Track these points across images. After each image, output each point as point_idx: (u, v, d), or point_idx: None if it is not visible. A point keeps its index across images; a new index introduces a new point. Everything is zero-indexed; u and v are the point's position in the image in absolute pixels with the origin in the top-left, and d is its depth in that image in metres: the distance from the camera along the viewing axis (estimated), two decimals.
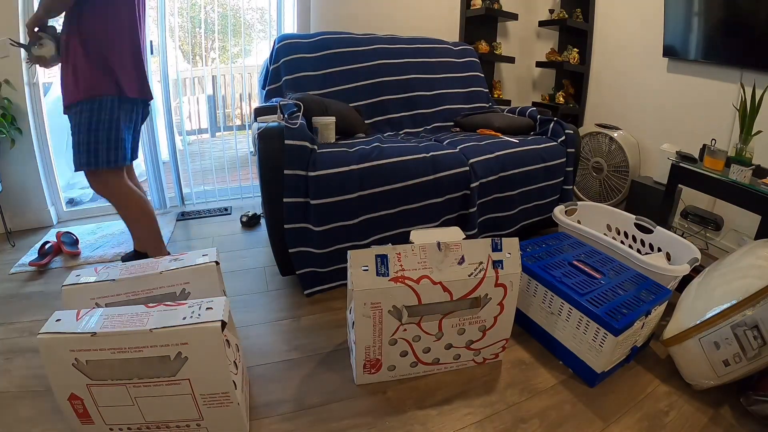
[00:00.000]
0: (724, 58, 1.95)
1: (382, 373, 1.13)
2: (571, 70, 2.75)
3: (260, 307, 1.50)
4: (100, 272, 1.11)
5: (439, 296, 1.05)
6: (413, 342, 1.11)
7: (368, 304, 1.01)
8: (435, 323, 1.10)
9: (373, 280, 1.00)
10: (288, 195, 1.43)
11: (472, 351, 1.19)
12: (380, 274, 1.01)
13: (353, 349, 1.12)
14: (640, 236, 1.65)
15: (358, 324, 1.03)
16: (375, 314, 1.03)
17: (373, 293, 1.00)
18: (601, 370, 1.14)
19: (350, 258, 1.02)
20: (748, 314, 1.04)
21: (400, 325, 1.07)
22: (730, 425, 1.05)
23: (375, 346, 1.07)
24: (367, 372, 1.12)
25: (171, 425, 0.94)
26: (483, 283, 1.07)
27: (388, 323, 1.05)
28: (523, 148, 1.81)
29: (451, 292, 1.06)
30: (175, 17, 2.47)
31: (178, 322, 0.85)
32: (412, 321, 1.07)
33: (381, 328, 1.05)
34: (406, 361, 1.14)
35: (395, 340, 1.08)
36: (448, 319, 1.10)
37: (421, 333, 1.10)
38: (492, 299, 1.11)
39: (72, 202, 2.44)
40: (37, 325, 0.95)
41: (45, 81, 2.37)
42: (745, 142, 1.58)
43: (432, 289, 1.04)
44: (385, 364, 1.12)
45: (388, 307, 1.03)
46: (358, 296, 0.99)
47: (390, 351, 1.10)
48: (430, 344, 1.13)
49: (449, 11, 2.70)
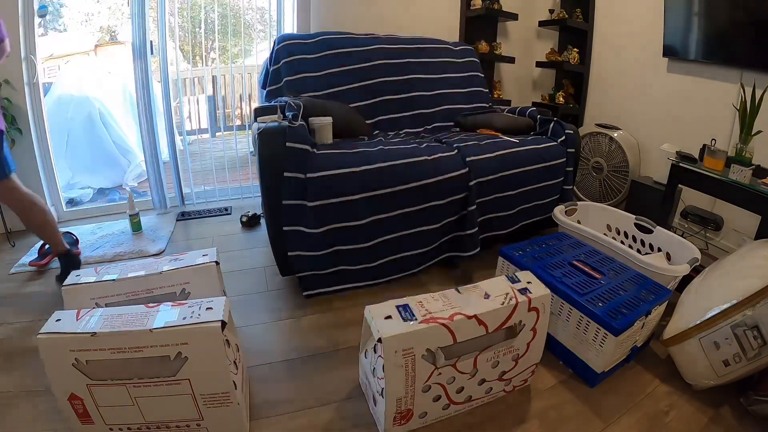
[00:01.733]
0: (724, 58, 1.94)
1: (413, 421, 1.01)
2: (571, 70, 2.75)
3: (260, 307, 1.50)
4: (100, 272, 1.11)
5: (474, 331, 0.96)
6: (447, 384, 1.00)
7: (399, 352, 0.89)
8: (470, 361, 1.00)
9: (402, 325, 0.90)
10: (287, 197, 1.43)
11: (504, 381, 1.10)
12: (407, 320, 0.92)
13: (378, 401, 0.99)
14: (640, 236, 1.65)
15: (389, 375, 0.90)
16: (407, 362, 0.91)
17: (404, 338, 0.88)
18: (601, 370, 1.14)
19: (369, 312, 0.95)
20: (748, 314, 1.04)
21: (435, 369, 0.95)
22: (730, 425, 1.05)
23: (407, 396, 0.95)
24: (397, 424, 0.99)
25: (171, 425, 0.94)
26: (517, 310, 1.00)
27: (422, 370, 0.93)
28: (523, 148, 1.81)
29: (487, 324, 0.97)
30: (175, 17, 2.46)
31: (178, 322, 0.85)
32: (449, 363, 0.96)
33: (414, 377, 0.93)
34: (439, 405, 1.02)
35: (429, 386, 0.97)
36: (483, 354, 1.01)
37: (456, 374, 0.99)
38: (525, 326, 1.04)
39: (72, 202, 2.45)
40: (37, 325, 0.95)
41: (45, 81, 2.37)
42: (745, 142, 1.58)
43: (467, 324, 0.94)
44: (416, 412, 0.99)
45: (422, 352, 0.92)
46: (388, 344, 0.87)
47: (422, 398, 0.98)
48: (464, 383, 1.02)
49: (449, 11, 2.70)
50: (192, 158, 2.68)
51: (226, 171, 2.77)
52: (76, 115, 2.66)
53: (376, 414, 1.03)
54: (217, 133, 3.11)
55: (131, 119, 3.01)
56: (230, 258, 1.83)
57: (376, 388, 1.00)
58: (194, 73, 2.96)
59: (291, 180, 1.41)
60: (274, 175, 1.42)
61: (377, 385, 0.99)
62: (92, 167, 2.73)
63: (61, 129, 2.60)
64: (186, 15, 2.86)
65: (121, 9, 4.09)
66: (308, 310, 1.48)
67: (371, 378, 1.04)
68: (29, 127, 2.00)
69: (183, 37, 2.86)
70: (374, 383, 1.01)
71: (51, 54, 3.51)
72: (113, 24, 4.13)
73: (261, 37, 3.92)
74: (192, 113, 3.38)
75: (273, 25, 2.54)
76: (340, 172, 1.45)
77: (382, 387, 0.94)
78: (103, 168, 2.77)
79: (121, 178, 2.82)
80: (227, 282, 1.32)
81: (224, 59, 2.97)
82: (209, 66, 3.27)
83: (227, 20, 2.55)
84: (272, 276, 1.68)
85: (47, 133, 2.10)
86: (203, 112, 3.51)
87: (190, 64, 2.74)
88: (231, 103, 2.97)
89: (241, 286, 1.62)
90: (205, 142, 3.26)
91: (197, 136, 3.46)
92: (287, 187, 1.42)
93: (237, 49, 2.80)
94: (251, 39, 3.83)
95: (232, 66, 2.70)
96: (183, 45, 2.97)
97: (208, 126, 3.38)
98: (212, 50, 3.33)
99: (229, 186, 2.66)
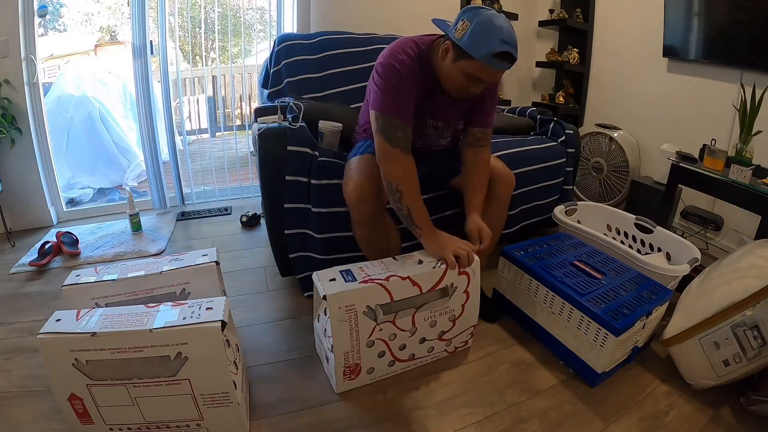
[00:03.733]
0: (724, 58, 1.94)
1: (362, 377, 1.13)
2: (571, 70, 2.75)
3: (260, 307, 1.50)
4: (100, 272, 1.11)
5: (409, 291, 1.09)
6: (389, 341, 1.12)
7: (342, 307, 1.01)
8: (408, 319, 1.12)
9: (344, 285, 1.04)
10: (289, 201, 1.42)
11: (444, 342, 1.23)
12: (348, 281, 1.05)
13: (329, 358, 1.11)
14: (640, 236, 1.65)
15: (335, 330, 1.03)
16: (350, 317, 1.03)
17: (346, 296, 1.02)
18: (602, 370, 1.14)
19: (316, 276, 1.08)
20: (748, 314, 1.04)
21: (376, 325, 1.08)
22: (730, 425, 1.05)
23: (353, 350, 1.07)
24: (347, 378, 1.11)
25: (171, 425, 0.94)
26: (447, 273, 1.13)
27: (364, 325, 1.06)
28: (523, 148, 1.81)
29: (420, 285, 1.10)
30: (175, 17, 2.46)
31: (178, 322, 0.85)
32: (387, 319, 1.09)
33: (357, 331, 1.05)
34: (384, 362, 1.14)
35: (372, 341, 1.09)
36: (420, 313, 1.14)
37: (396, 330, 1.12)
38: (458, 288, 1.16)
39: (72, 202, 2.44)
40: (37, 325, 0.95)
41: (45, 81, 2.37)
42: (745, 142, 1.58)
43: (401, 284, 1.07)
44: (363, 367, 1.12)
45: (363, 308, 1.04)
46: (332, 301, 1.00)
47: (368, 353, 1.10)
48: (405, 340, 1.15)
49: (449, 11, 2.70)
50: (192, 158, 2.67)
51: (226, 171, 2.77)
52: (76, 115, 2.66)
53: (329, 371, 1.15)
54: (217, 133, 3.11)
55: (131, 119, 3.00)
56: (230, 258, 1.83)
57: (327, 346, 1.11)
58: (194, 73, 2.96)
59: (293, 183, 1.41)
60: (274, 176, 1.41)
61: (327, 343, 1.11)
62: (92, 167, 2.72)
63: (61, 129, 2.60)
64: (186, 15, 2.85)
65: (121, 9, 4.10)
66: (308, 310, 1.47)
67: (323, 338, 1.15)
68: (29, 127, 2.00)
69: (183, 37, 2.86)
70: (325, 342, 1.14)
71: (51, 54, 3.51)
72: (113, 24, 4.13)
73: (261, 37, 3.92)
74: (192, 113, 3.38)
75: (273, 25, 2.54)
76: None
77: (331, 344, 1.06)
78: (103, 168, 2.77)
79: (121, 178, 2.82)
80: (227, 282, 1.32)
81: (224, 59, 2.97)
82: (209, 66, 3.27)
83: (227, 20, 2.55)
84: (272, 276, 1.68)
85: (47, 133, 2.10)
86: (203, 112, 3.51)
87: (190, 64, 2.74)
88: (231, 103, 2.97)
89: (241, 286, 1.62)
90: (205, 142, 3.26)
91: (197, 136, 3.46)
92: (289, 190, 1.41)
93: (237, 49, 2.80)
94: (251, 39, 3.83)
95: (232, 66, 2.70)
96: (183, 45, 2.97)
97: (208, 126, 3.38)
98: (212, 50, 3.33)
99: (229, 186, 2.65)
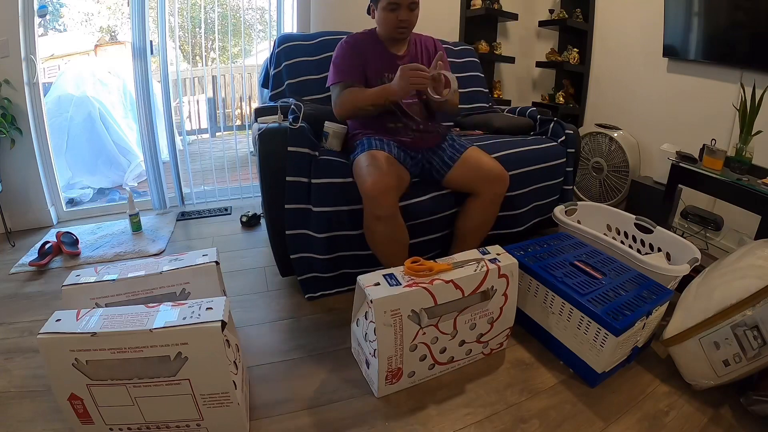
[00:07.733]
0: (724, 58, 1.94)
1: (403, 381, 1.12)
2: (571, 70, 2.75)
3: (260, 307, 1.50)
4: (100, 272, 1.11)
5: (452, 294, 1.10)
6: (431, 344, 1.12)
7: (388, 312, 1.01)
8: (450, 322, 1.13)
9: (389, 289, 1.03)
10: (290, 201, 1.42)
11: (481, 344, 1.23)
12: (393, 285, 1.05)
13: (371, 362, 1.10)
14: (640, 236, 1.65)
15: (380, 335, 1.02)
16: (396, 322, 1.03)
17: (392, 300, 1.02)
18: (602, 370, 1.14)
19: (360, 281, 1.08)
20: (748, 314, 1.04)
21: (420, 329, 1.07)
22: (730, 425, 1.05)
23: (397, 354, 1.07)
24: (389, 383, 1.10)
25: (171, 425, 0.93)
26: (488, 276, 1.14)
27: (408, 329, 1.06)
28: (523, 148, 1.81)
29: (463, 288, 1.10)
30: (175, 17, 2.46)
31: (178, 322, 0.85)
32: (431, 323, 1.09)
33: (402, 335, 1.05)
34: (425, 365, 1.14)
35: (415, 345, 1.09)
36: (462, 316, 1.14)
37: (438, 334, 1.12)
38: (497, 291, 1.17)
39: (72, 202, 2.45)
40: (37, 325, 0.95)
41: (45, 81, 2.37)
42: (745, 142, 1.58)
43: (445, 288, 1.08)
44: (405, 371, 1.11)
45: (407, 313, 1.04)
46: (378, 306, 1.00)
47: (410, 357, 1.10)
48: (446, 344, 1.15)
49: (449, 11, 2.70)
50: (192, 158, 2.68)
51: (226, 171, 2.77)
52: (76, 115, 2.66)
53: (369, 376, 1.14)
54: (217, 133, 3.11)
55: (131, 119, 3.01)
56: (230, 258, 1.83)
57: (369, 351, 1.10)
58: (194, 73, 2.96)
59: (293, 184, 1.41)
60: (274, 176, 1.41)
61: (369, 348, 1.10)
62: (92, 167, 2.73)
63: (61, 129, 2.60)
64: (186, 15, 2.86)
65: (121, 9, 4.10)
66: (308, 310, 1.48)
67: (363, 343, 1.14)
68: (29, 127, 2.00)
69: (183, 37, 2.86)
70: (366, 347, 1.12)
71: (51, 54, 3.51)
72: (113, 24, 4.14)
73: (261, 37, 3.92)
74: (192, 113, 3.38)
75: (273, 25, 2.54)
76: (347, 180, 1.42)
77: (374, 348, 1.06)
78: (103, 168, 2.77)
79: (121, 178, 2.82)
80: (227, 282, 1.32)
81: (224, 59, 2.97)
82: (209, 66, 3.27)
83: (227, 20, 2.55)
84: (272, 276, 1.68)
85: (47, 133, 2.10)
86: (203, 112, 3.51)
87: (190, 64, 2.74)
88: (231, 103, 2.97)
89: (241, 286, 1.62)
90: (205, 142, 3.26)
91: (197, 136, 3.46)
92: (290, 191, 1.41)
93: (237, 49, 2.80)
94: (251, 39, 3.84)
95: (232, 66, 2.70)
96: (183, 45, 2.97)
97: (208, 126, 3.38)
98: (212, 50, 3.33)
99: (228, 186, 2.66)
